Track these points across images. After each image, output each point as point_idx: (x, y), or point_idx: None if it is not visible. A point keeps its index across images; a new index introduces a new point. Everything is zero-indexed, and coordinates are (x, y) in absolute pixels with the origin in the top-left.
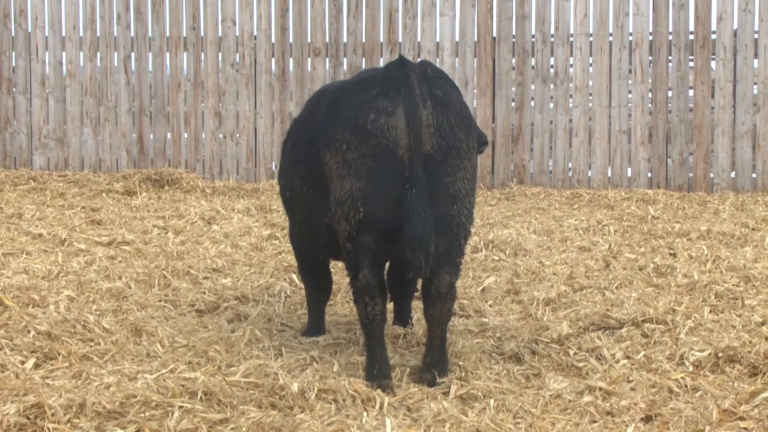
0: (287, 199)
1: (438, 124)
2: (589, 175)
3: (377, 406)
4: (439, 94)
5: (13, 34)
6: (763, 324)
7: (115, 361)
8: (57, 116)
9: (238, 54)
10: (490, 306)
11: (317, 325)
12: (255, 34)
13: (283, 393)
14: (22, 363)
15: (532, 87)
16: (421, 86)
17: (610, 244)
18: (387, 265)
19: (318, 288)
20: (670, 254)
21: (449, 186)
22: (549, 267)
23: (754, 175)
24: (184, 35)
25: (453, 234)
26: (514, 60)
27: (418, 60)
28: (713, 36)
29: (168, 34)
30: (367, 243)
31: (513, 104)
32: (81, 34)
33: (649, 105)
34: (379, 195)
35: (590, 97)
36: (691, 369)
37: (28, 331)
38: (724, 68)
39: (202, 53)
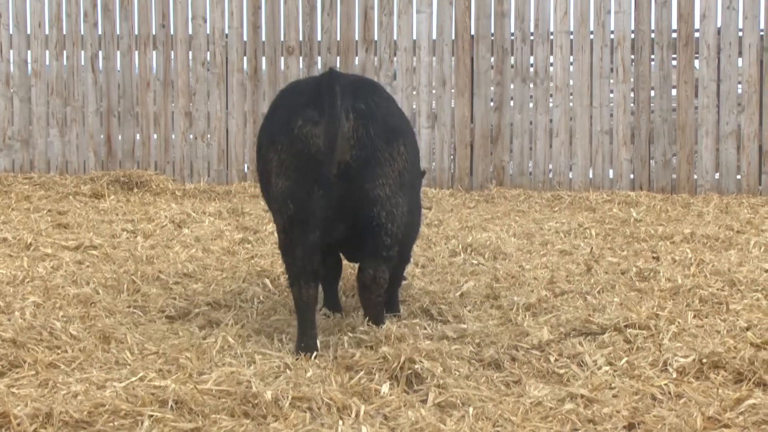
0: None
1: (358, 136)
2: (570, 176)
3: (353, 415)
4: (361, 107)
5: None
6: (748, 329)
7: (83, 369)
8: (22, 117)
9: (209, 52)
10: (469, 311)
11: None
12: (226, 32)
13: (256, 401)
14: None
15: (512, 86)
16: (345, 99)
17: (592, 248)
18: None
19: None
20: (653, 258)
21: (369, 192)
22: (529, 271)
23: (738, 177)
24: (154, 33)
25: (375, 233)
26: (492, 59)
27: (395, 57)
28: (696, 34)
29: (137, 32)
30: (300, 234)
31: (492, 104)
32: (47, 32)
33: (632, 105)
34: (304, 194)
35: (571, 97)
36: (674, 375)
37: None
38: (708, 67)
39: (172, 52)
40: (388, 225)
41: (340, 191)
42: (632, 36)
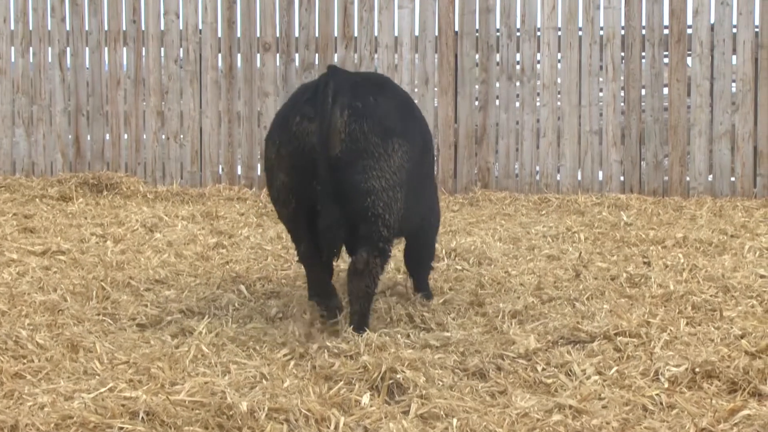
0: None
1: (350, 131)
2: (558, 178)
3: (332, 427)
4: (357, 105)
5: None
6: (742, 337)
7: (50, 380)
8: None
9: (182, 49)
10: (453, 319)
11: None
12: (200, 27)
13: (231, 413)
14: None
15: (497, 84)
16: (342, 96)
17: (581, 253)
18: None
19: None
20: (644, 263)
21: (360, 183)
22: (515, 277)
23: (732, 179)
24: (124, 29)
25: (371, 222)
26: (477, 56)
27: (375, 54)
28: (689, 30)
29: (106, 28)
30: (303, 223)
31: (476, 103)
32: (12, 28)
33: (622, 104)
34: (304, 188)
35: (559, 96)
36: (666, 385)
37: None
38: (701, 65)
39: (143, 48)
40: (385, 216)
41: (334, 184)
42: (622, 32)
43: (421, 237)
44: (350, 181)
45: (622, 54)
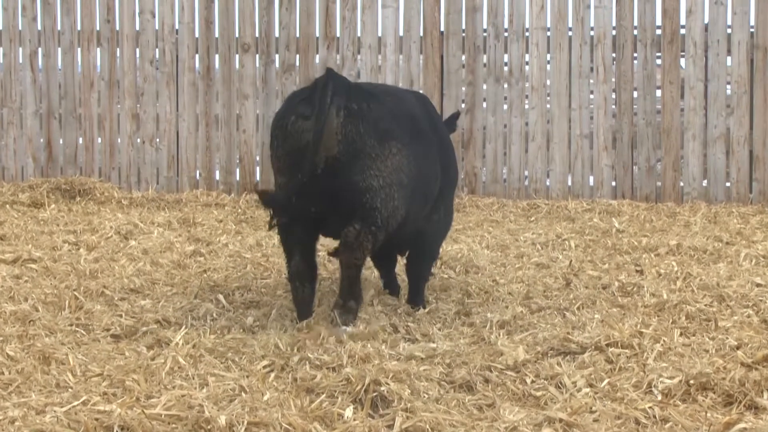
0: None
1: (346, 132)
2: (548, 183)
3: None
4: (353, 107)
5: None
6: (738, 348)
7: (21, 393)
8: None
9: (158, 50)
10: (439, 329)
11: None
12: (177, 27)
13: (209, 427)
14: None
15: (484, 87)
16: (338, 98)
17: (571, 261)
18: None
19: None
20: (637, 271)
21: (359, 182)
22: (503, 286)
23: (727, 184)
24: (98, 29)
25: (369, 215)
26: (464, 57)
27: (358, 55)
28: (682, 31)
29: (79, 28)
30: (298, 232)
31: (463, 105)
32: None
33: (613, 106)
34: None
35: (548, 98)
36: (660, 398)
37: None
38: (695, 66)
39: (118, 49)
40: (381, 209)
41: (329, 185)
42: (613, 33)
43: (421, 242)
44: (349, 181)
45: (614, 55)
